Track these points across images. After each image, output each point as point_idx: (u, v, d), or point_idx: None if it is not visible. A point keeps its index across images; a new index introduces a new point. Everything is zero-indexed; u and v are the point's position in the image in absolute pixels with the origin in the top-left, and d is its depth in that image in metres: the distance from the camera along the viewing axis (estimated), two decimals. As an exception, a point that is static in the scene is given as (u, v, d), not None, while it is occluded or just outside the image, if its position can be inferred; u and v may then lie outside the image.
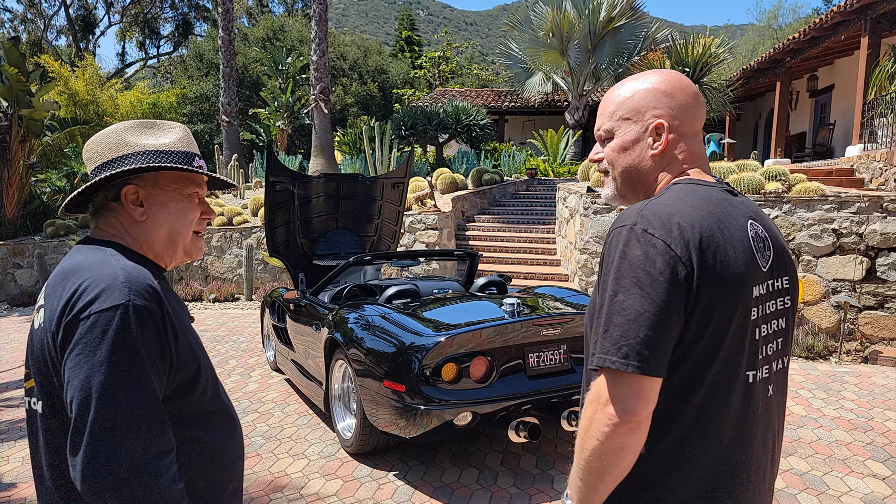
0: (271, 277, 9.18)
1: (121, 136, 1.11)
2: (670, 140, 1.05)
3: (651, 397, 0.90)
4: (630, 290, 0.91)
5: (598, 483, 0.94)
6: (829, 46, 10.63)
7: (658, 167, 1.07)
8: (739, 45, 27.09)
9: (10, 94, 10.19)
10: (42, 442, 1.01)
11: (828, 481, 3.00)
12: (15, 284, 10.26)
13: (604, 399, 0.91)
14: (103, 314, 0.92)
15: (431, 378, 2.86)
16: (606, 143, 1.11)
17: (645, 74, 1.09)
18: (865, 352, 5.31)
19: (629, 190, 1.11)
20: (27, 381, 1.04)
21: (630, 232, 0.94)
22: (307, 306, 4.14)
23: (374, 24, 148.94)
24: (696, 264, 0.92)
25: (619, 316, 0.91)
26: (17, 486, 3.17)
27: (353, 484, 3.05)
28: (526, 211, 10.45)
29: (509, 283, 4.56)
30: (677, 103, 1.05)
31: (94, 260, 1.01)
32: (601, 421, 0.91)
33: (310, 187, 4.89)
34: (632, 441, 0.91)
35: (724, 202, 1.02)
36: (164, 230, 1.12)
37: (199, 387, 1.06)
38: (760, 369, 1.01)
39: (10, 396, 4.82)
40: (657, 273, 0.90)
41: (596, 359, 0.92)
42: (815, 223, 5.49)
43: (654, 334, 0.89)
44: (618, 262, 0.93)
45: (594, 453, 0.92)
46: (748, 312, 0.97)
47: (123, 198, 1.09)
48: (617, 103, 1.08)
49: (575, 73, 15.30)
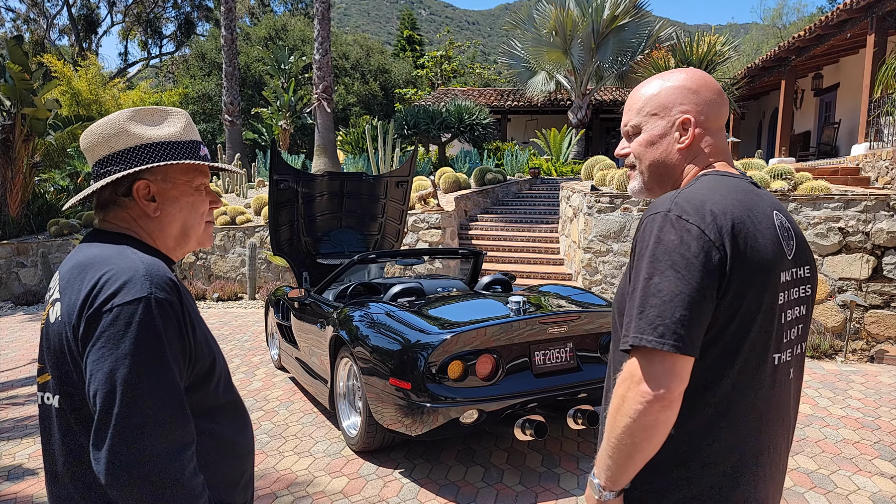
0: (275, 276, 9.18)
1: (124, 126, 1.08)
2: (696, 134, 1.09)
3: (684, 376, 0.93)
4: (665, 272, 0.94)
5: (627, 461, 0.96)
6: (834, 44, 10.58)
7: (685, 160, 1.11)
8: (743, 44, 26.99)
9: (14, 92, 10.21)
10: (58, 437, 1.00)
11: (835, 480, 2.99)
12: (19, 283, 10.28)
13: (637, 377, 0.94)
14: (126, 307, 0.91)
15: (437, 376, 2.85)
16: (633, 138, 1.15)
17: (671, 73, 1.12)
18: (871, 351, 5.28)
19: (656, 183, 1.15)
20: (41, 375, 1.03)
21: (665, 218, 0.97)
22: (312, 304, 4.14)
23: (376, 24, 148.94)
24: (728, 250, 0.95)
25: (654, 297, 0.94)
26: (24, 482, 3.17)
27: (359, 481, 3.05)
28: (529, 210, 10.43)
29: (513, 282, 4.55)
30: (703, 100, 1.09)
31: (112, 253, 1.00)
32: (634, 399, 0.93)
33: (313, 186, 4.88)
34: (664, 418, 0.93)
35: (751, 192, 1.06)
36: (177, 224, 1.11)
37: (214, 379, 1.05)
38: (784, 353, 1.05)
39: (15, 394, 4.83)
40: (692, 256, 0.93)
41: (631, 338, 0.95)
42: (822, 222, 5.46)
43: (689, 315, 0.92)
44: (653, 246, 0.96)
45: (626, 431, 0.94)
46: (776, 297, 1.01)
47: (135, 193, 1.07)
48: (644, 100, 1.12)
49: (578, 71, 15.27)
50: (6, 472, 3.32)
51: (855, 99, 11.00)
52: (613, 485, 1.00)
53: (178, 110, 1.15)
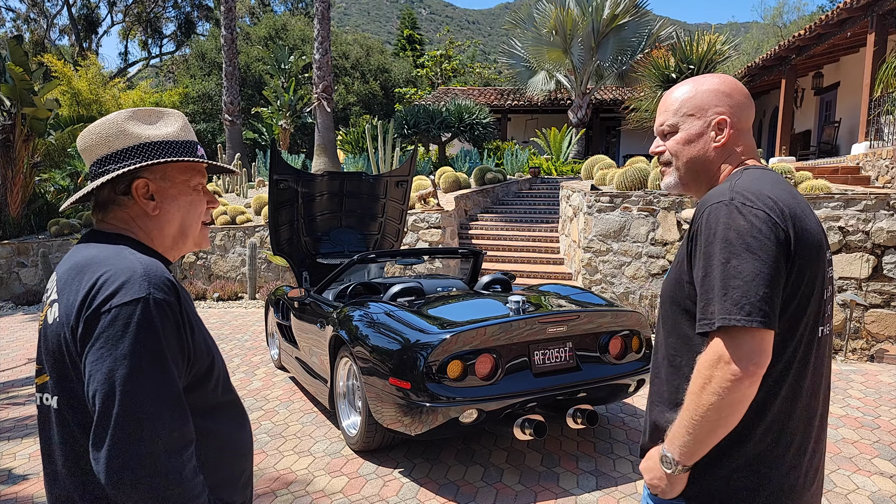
0: (275, 276, 9.18)
1: (122, 126, 1.08)
2: (731, 134, 1.18)
3: (770, 350, 1.01)
4: (742, 255, 1.00)
5: (708, 436, 1.03)
6: (834, 43, 10.57)
7: (720, 158, 1.19)
8: (743, 43, 26.96)
9: (14, 92, 10.22)
10: (57, 438, 1.01)
11: (835, 479, 2.99)
12: (19, 283, 10.29)
13: (726, 357, 0.99)
14: (125, 308, 0.91)
15: (437, 375, 2.85)
16: (669, 136, 1.23)
17: (704, 77, 1.23)
18: (871, 350, 5.28)
19: (692, 178, 1.23)
20: (39, 376, 1.03)
21: (729, 206, 1.04)
22: (311, 304, 4.14)
23: (376, 23, 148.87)
24: (791, 231, 1.04)
25: (735, 279, 1.00)
26: (25, 483, 3.18)
27: (359, 481, 3.05)
28: (529, 209, 10.43)
29: (513, 282, 4.55)
30: (735, 102, 1.18)
31: (110, 253, 1.00)
32: (723, 377, 0.99)
33: (313, 185, 4.89)
34: (750, 393, 1.00)
35: (789, 184, 1.17)
36: (175, 224, 1.12)
37: (212, 379, 1.06)
38: (825, 326, 1.14)
39: (15, 394, 4.83)
40: (764, 238, 1.01)
41: (718, 320, 1.00)
42: (822, 221, 5.46)
43: (770, 291, 0.99)
44: (723, 231, 1.03)
45: (712, 408, 1.00)
46: (825, 275, 1.11)
47: (134, 192, 1.07)
48: (681, 101, 1.20)
49: (578, 71, 15.26)
50: (6, 473, 3.33)
51: (855, 98, 10.98)
52: (689, 459, 1.06)
53: (174, 111, 1.15)
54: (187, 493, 0.92)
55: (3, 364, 5.83)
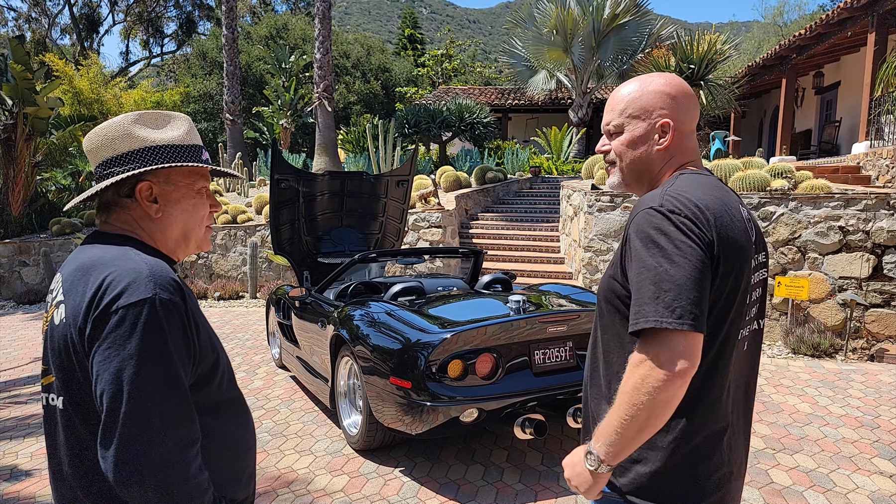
0: (276, 275, 9.20)
1: (128, 129, 1.09)
2: (674, 137, 1.20)
3: (699, 352, 1.03)
4: (673, 259, 1.04)
5: (637, 435, 1.05)
6: (835, 43, 10.56)
7: (662, 160, 1.21)
8: (744, 42, 26.93)
9: (16, 92, 10.23)
10: (63, 437, 1.02)
11: (834, 479, 3.00)
12: (21, 282, 10.31)
13: (657, 358, 1.02)
14: (132, 308, 0.93)
15: (437, 375, 2.86)
16: (614, 136, 1.24)
17: (650, 77, 1.22)
18: (872, 350, 5.29)
19: (634, 179, 1.25)
20: (45, 377, 1.04)
21: (660, 212, 1.08)
22: (312, 303, 4.15)
23: (377, 23, 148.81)
24: (715, 237, 1.07)
25: (666, 282, 1.03)
26: (27, 481, 3.19)
27: (360, 480, 3.06)
28: (529, 209, 10.43)
29: (514, 281, 4.56)
30: (679, 104, 1.20)
31: (115, 254, 1.01)
32: (655, 378, 1.01)
33: (314, 185, 4.90)
34: (680, 393, 1.02)
35: (723, 189, 1.19)
36: (178, 227, 1.13)
37: (217, 377, 1.07)
38: (745, 328, 1.18)
39: (17, 393, 4.85)
40: (692, 244, 1.05)
41: (651, 321, 1.02)
42: (822, 220, 5.47)
43: (699, 296, 1.03)
44: (654, 237, 1.06)
45: (643, 407, 1.02)
46: (749, 279, 1.14)
47: (138, 194, 1.09)
48: (627, 101, 1.21)
49: (579, 70, 15.25)
50: (8, 471, 3.34)
51: (856, 97, 10.98)
52: (613, 459, 1.07)
53: (181, 115, 1.17)
54: (193, 490, 0.93)
55: (4, 363, 5.84)
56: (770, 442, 3.43)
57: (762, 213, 5.67)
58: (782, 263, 5.60)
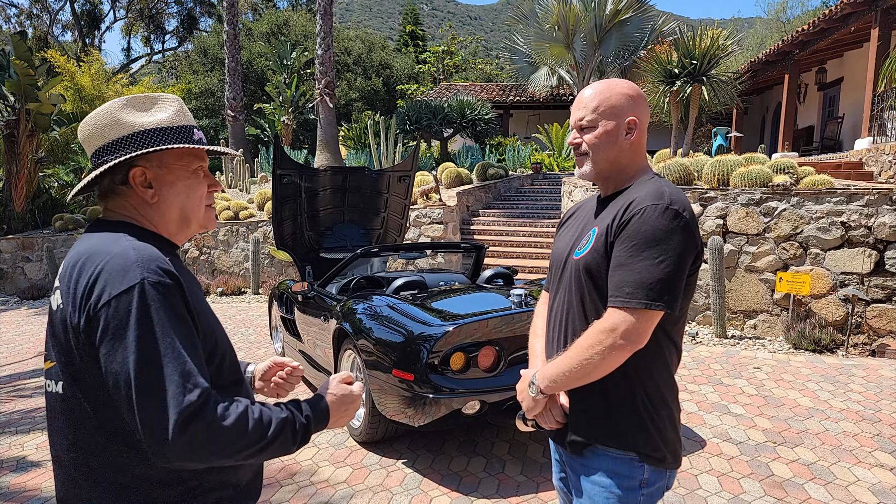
0: (277, 271, 9.22)
1: (115, 115, 1.09)
2: (638, 134, 1.36)
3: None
4: (669, 252, 1.21)
5: (575, 383, 1.28)
6: (838, 38, 10.53)
7: (630, 153, 1.37)
8: (747, 39, 26.84)
9: (19, 88, 10.24)
10: (63, 423, 1.03)
11: (835, 471, 3.01)
12: (24, 277, 10.35)
13: (625, 330, 1.20)
14: (123, 296, 0.94)
15: (440, 367, 2.88)
16: (587, 131, 1.37)
17: (615, 80, 1.39)
18: (873, 345, 5.29)
19: (606, 168, 1.38)
20: (46, 362, 1.06)
21: (667, 209, 1.23)
22: (315, 298, 4.17)
23: (378, 19, 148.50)
24: (698, 235, 1.28)
25: (663, 270, 1.21)
26: (32, 472, 3.22)
27: (363, 471, 3.08)
28: (531, 205, 10.44)
29: (515, 276, 4.57)
30: (640, 106, 1.37)
31: (107, 242, 1.02)
32: (612, 345, 1.21)
33: (317, 180, 4.91)
34: (625, 360, 1.23)
35: None
36: (175, 209, 1.12)
37: (214, 362, 1.07)
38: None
39: (22, 386, 4.88)
40: (690, 242, 1.24)
41: (643, 301, 1.20)
42: (824, 216, 5.47)
43: (680, 287, 1.24)
44: (665, 234, 1.22)
45: (592, 364, 1.23)
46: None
47: (132, 180, 1.09)
48: (599, 100, 1.35)
49: (580, 66, 15.22)
50: (14, 463, 3.37)
51: (858, 93, 10.95)
52: (549, 391, 1.32)
53: (169, 96, 1.15)
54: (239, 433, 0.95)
55: (9, 357, 5.88)
56: (771, 435, 3.44)
57: (764, 208, 5.67)
58: (784, 259, 5.60)
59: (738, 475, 2.97)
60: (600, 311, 1.28)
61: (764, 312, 5.72)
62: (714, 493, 2.80)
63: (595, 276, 1.30)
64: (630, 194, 1.31)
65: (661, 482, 1.33)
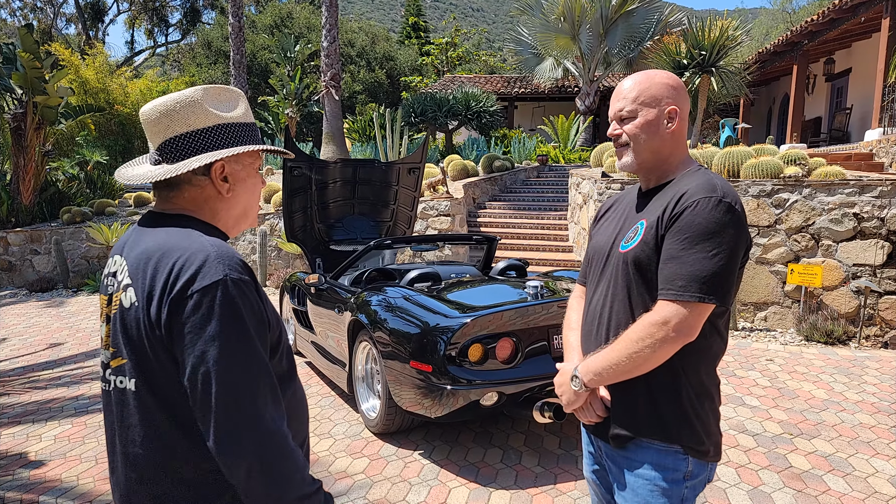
0: (285, 264, 9.23)
1: (201, 104, 1.08)
2: (679, 123, 1.35)
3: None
4: (723, 247, 1.21)
5: (620, 376, 1.27)
6: (847, 29, 10.43)
7: (671, 143, 1.35)
8: (753, 29, 26.61)
9: (25, 81, 10.22)
10: (136, 419, 1.02)
11: (853, 463, 3.01)
12: (33, 270, 10.38)
13: (674, 323, 1.19)
14: (206, 291, 0.94)
15: (458, 359, 2.88)
16: (627, 121, 1.36)
17: (654, 71, 1.40)
18: (885, 337, 5.28)
19: (648, 158, 1.36)
20: (115, 359, 1.05)
21: (721, 202, 1.22)
22: (328, 290, 4.17)
23: (381, 11, 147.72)
24: (748, 229, 1.29)
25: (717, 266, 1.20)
26: (48, 465, 3.24)
27: (380, 462, 3.09)
28: (537, 197, 10.41)
29: (527, 268, 4.56)
30: (681, 95, 1.36)
31: (180, 237, 1.02)
32: (664, 338, 1.20)
33: (326, 173, 4.89)
34: (674, 353, 1.22)
35: None
36: (241, 204, 1.14)
37: (280, 349, 1.09)
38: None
39: (35, 378, 4.90)
40: (743, 237, 1.24)
41: (696, 294, 1.19)
42: (836, 207, 5.43)
43: (732, 281, 1.23)
44: (719, 227, 1.21)
45: (641, 357, 1.22)
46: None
47: (213, 173, 1.09)
48: (639, 91, 1.35)
49: (586, 58, 15.13)
50: (33, 454, 3.39)
51: (867, 84, 10.86)
52: (593, 385, 1.32)
53: (237, 91, 1.15)
54: (292, 466, 0.96)
55: (22, 349, 5.90)
56: (787, 427, 3.44)
57: (775, 199, 5.64)
58: (795, 251, 5.58)
59: (756, 467, 2.97)
60: (648, 305, 1.27)
61: (775, 304, 5.70)
62: (733, 485, 2.80)
63: (644, 269, 1.28)
64: (678, 186, 1.30)
65: (703, 475, 1.33)
